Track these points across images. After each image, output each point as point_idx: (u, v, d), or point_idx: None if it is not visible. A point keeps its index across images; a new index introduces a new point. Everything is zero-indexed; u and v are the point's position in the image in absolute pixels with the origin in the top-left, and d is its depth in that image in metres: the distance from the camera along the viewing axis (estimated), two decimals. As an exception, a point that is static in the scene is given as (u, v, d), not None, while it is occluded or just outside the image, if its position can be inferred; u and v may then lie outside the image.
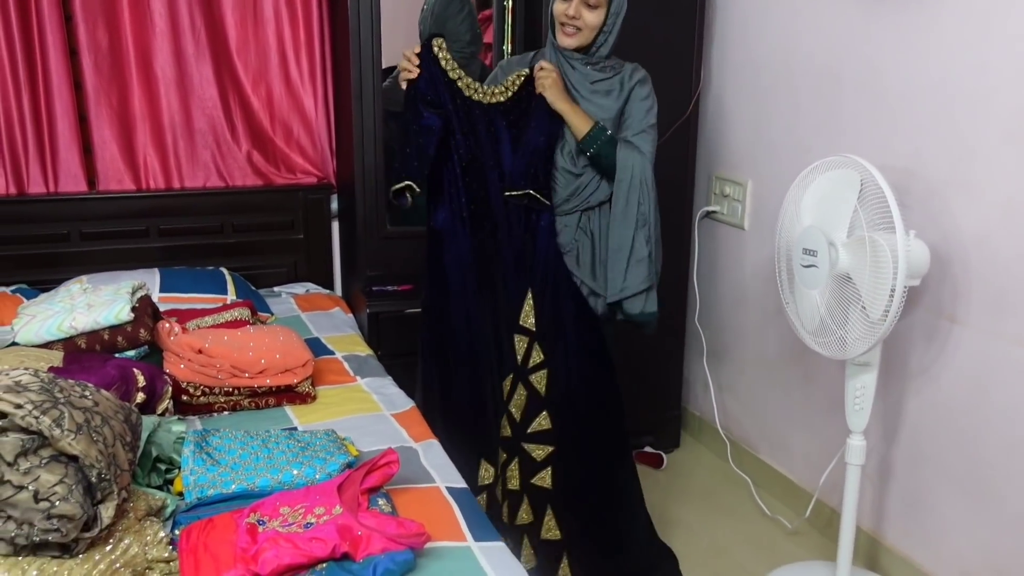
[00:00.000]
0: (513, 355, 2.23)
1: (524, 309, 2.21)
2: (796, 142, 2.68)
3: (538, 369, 2.23)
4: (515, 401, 2.25)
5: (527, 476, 2.27)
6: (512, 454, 2.27)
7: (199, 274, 2.88)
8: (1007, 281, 2.03)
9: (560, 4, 2.10)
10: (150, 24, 2.89)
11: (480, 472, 2.27)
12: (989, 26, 2.00)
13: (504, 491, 2.29)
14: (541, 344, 2.22)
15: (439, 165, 2.15)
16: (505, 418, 2.26)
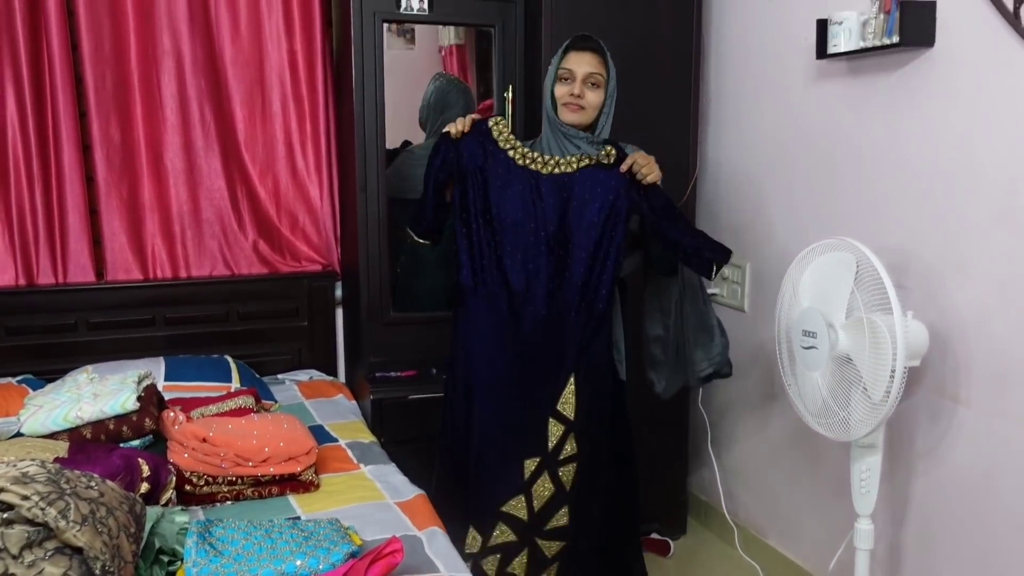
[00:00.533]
0: (544, 439, 2.22)
1: (564, 394, 2.23)
2: (793, 224, 2.72)
3: (569, 462, 2.24)
4: (538, 489, 2.23)
5: (534, 572, 2.25)
6: (522, 544, 2.25)
7: (204, 362, 2.90)
8: (1007, 360, 2.04)
9: (562, 87, 2.23)
10: (161, 118, 2.99)
11: (467, 539, 2.26)
12: (976, 110, 2.07)
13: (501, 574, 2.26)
14: (577, 437, 2.23)
15: (468, 223, 2.24)
16: (523, 500, 2.24)
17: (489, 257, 2.23)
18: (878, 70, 2.34)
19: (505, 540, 2.27)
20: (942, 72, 2.15)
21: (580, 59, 2.22)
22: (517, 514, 2.25)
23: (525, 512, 2.24)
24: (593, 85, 2.21)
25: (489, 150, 2.24)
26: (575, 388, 2.22)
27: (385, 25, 2.79)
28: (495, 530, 2.26)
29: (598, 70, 2.22)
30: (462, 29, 3.02)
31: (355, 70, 2.76)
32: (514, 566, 2.25)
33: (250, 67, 3.04)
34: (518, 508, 2.25)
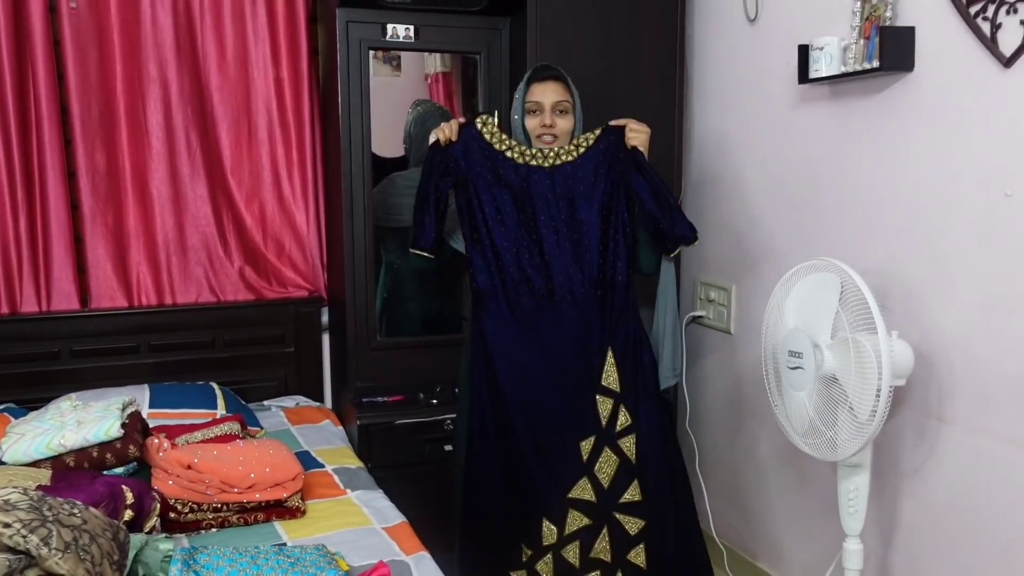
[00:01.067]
0: (596, 417, 2.23)
1: (605, 369, 2.24)
2: (777, 247, 2.74)
3: (627, 433, 2.24)
4: (601, 467, 2.24)
5: (621, 550, 2.24)
6: (600, 522, 2.24)
7: (189, 389, 2.88)
8: (990, 379, 2.06)
9: (532, 119, 2.30)
10: (147, 146, 2.99)
11: (543, 531, 2.24)
12: (956, 132, 2.09)
13: (585, 560, 2.24)
14: (627, 406, 2.24)
15: (476, 228, 2.25)
16: (588, 482, 2.23)
17: (505, 258, 2.24)
18: (859, 94, 2.37)
19: (581, 526, 2.24)
20: (922, 96, 2.18)
21: (544, 89, 2.30)
22: (585, 497, 2.23)
23: (593, 494, 2.23)
24: (562, 112, 2.30)
25: (486, 152, 2.26)
26: (615, 361, 2.24)
27: (371, 52, 2.82)
28: (567, 517, 2.24)
29: (564, 97, 2.30)
30: (448, 57, 3.05)
31: (341, 97, 2.78)
32: (597, 550, 2.24)
33: (236, 95, 3.05)
34: (585, 491, 2.24)
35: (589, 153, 2.27)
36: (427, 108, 3.06)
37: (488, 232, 2.25)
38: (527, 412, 2.25)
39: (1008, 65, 1.95)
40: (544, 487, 2.24)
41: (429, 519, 2.43)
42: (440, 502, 2.74)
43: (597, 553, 2.24)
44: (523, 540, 2.26)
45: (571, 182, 2.25)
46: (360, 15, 2.77)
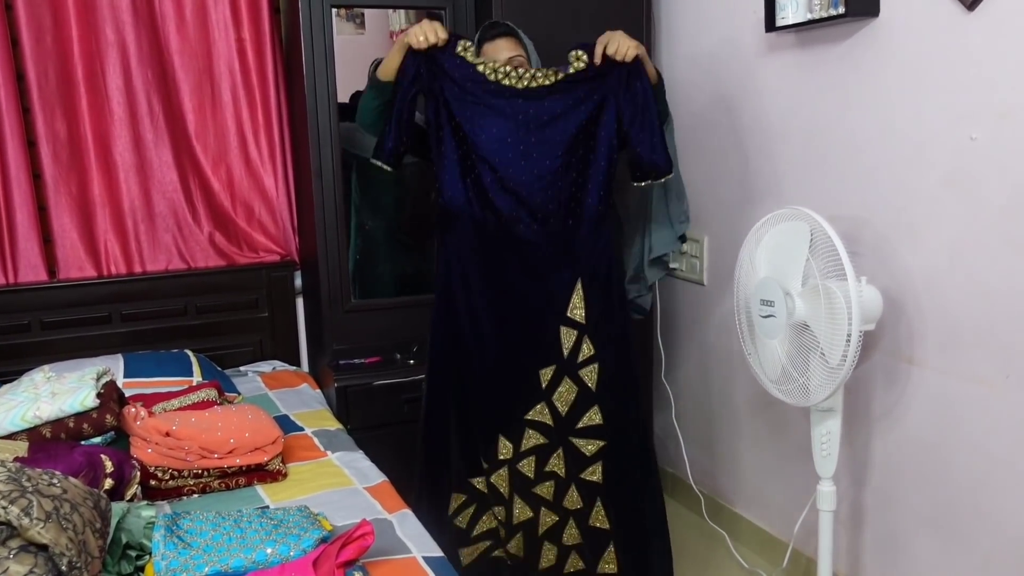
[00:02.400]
0: (558, 347, 2.22)
1: (572, 300, 2.22)
2: (747, 197, 2.76)
3: (589, 363, 2.24)
4: (560, 395, 2.24)
5: (575, 469, 2.27)
6: (556, 443, 2.26)
7: (163, 357, 2.86)
8: (959, 321, 2.10)
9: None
10: (108, 112, 2.93)
11: (499, 447, 2.27)
12: (922, 77, 2.11)
13: (540, 471, 2.27)
14: (592, 338, 2.22)
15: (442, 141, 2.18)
16: (545, 407, 2.25)
17: (471, 176, 2.17)
18: (825, 41, 2.38)
19: (536, 443, 2.27)
20: (887, 41, 2.19)
21: (496, 47, 2.26)
22: (543, 420, 2.26)
23: (551, 418, 2.25)
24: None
25: (459, 65, 2.16)
26: (583, 293, 2.20)
27: (334, 10, 2.76)
28: (523, 436, 2.27)
29: (517, 51, 2.26)
30: (412, 12, 3.00)
31: (305, 57, 2.73)
32: (551, 465, 2.27)
33: (197, 57, 2.99)
34: (542, 415, 2.26)
35: (566, 83, 2.16)
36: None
37: (457, 147, 2.17)
38: (486, 337, 2.24)
39: (971, 8, 1.96)
40: (501, 408, 2.26)
41: (410, 478, 2.45)
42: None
43: (552, 467, 2.28)
44: (481, 455, 2.30)
45: (545, 104, 2.16)
46: (321, -29, 2.71)
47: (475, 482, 2.34)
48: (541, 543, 2.32)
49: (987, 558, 2.08)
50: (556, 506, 2.29)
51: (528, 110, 2.16)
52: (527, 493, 2.29)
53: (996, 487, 2.04)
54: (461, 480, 2.34)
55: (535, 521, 2.31)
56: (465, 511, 2.36)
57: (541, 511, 2.30)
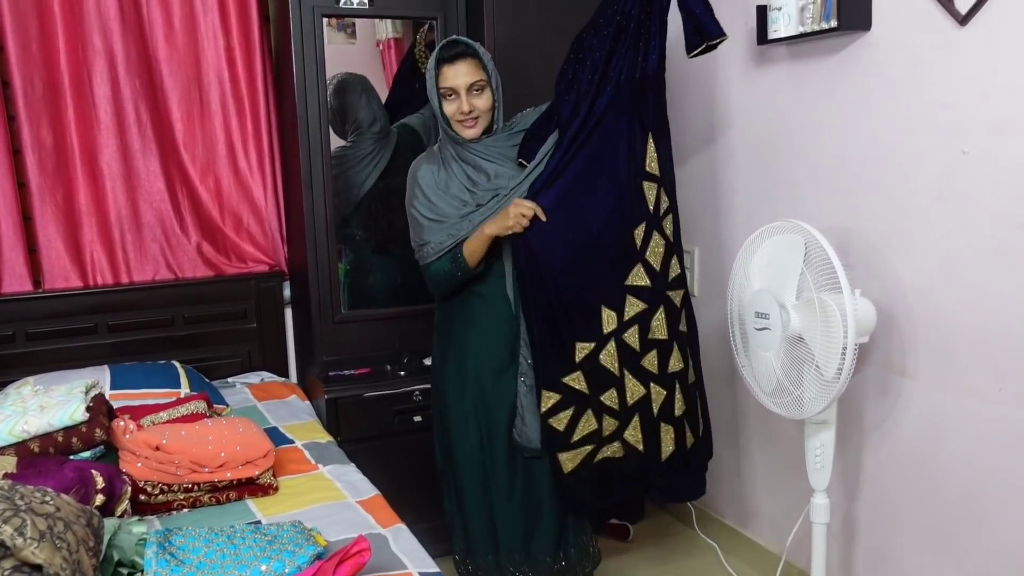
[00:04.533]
0: (644, 202, 2.25)
1: (648, 154, 2.25)
2: (739, 208, 2.77)
3: (667, 215, 2.30)
4: (652, 250, 2.26)
5: (675, 324, 2.31)
6: (655, 305, 2.27)
7: (150, 369, 2.82)
8: (950, 334, 2.11)
9: (449, 105, 2.23)
10: (95, 120, 2.89)
11: (603, 320, 2.24)
12: (913, 91, 2.12)
13: (645, 340, 2.27)
14: (667, 190, 2.29)
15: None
16: (642, 267, 2.25)
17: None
18: (817, 54, 2.39)
19: (639, 311, 2.26)
20: (879, 55, 2.20)
21: (456, 72, 2.20)
22: (640, 283, 2.26)
23: (647, 279, 2.26)
24: (477, 91, 2.21)
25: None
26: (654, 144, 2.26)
27: (324, 19, 2.75)
28: (626, 304, 2.25)
29: (478, 76, 2.21)
30: (400, 22, 2.99)
31: (295, 66, 2.72)
32: (654, 330, 2.29)
33: (186, 66, 2.96)
34: (639, 277, 2.26)
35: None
36: (340, 77, 2.93)
37: None
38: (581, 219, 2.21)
39: (964, 23, 1.98)
40: (601, 279, 2.24)
41: (401, 490, 2.44)
42: (411, 472, 2.75)
43: (654, 333, 2.28)
44: (578, 338, 2.24)
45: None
46: (312, -20, 2.70)
47: (569, 380, 2.25)
48: (658, 425, 2.30)
49: (980, 571, 2.09)
50: (663, 377, 2.30)
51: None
52: (636, 368, 2.27)
53: (989, 500, 2.05)
54: (553, 380, 2.25)
55: (648, 399, 2.29)
56: (561, 413, 2.26)
57: (651, 387, 2.29)
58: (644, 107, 2.24)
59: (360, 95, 2.92)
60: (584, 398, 2.25)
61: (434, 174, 2.29)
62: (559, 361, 2.24)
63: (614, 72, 2.22)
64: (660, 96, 2.28)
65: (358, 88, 2.93)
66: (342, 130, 2.94)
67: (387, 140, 2.99)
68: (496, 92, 2.24)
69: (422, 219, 2.29)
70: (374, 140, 2.96)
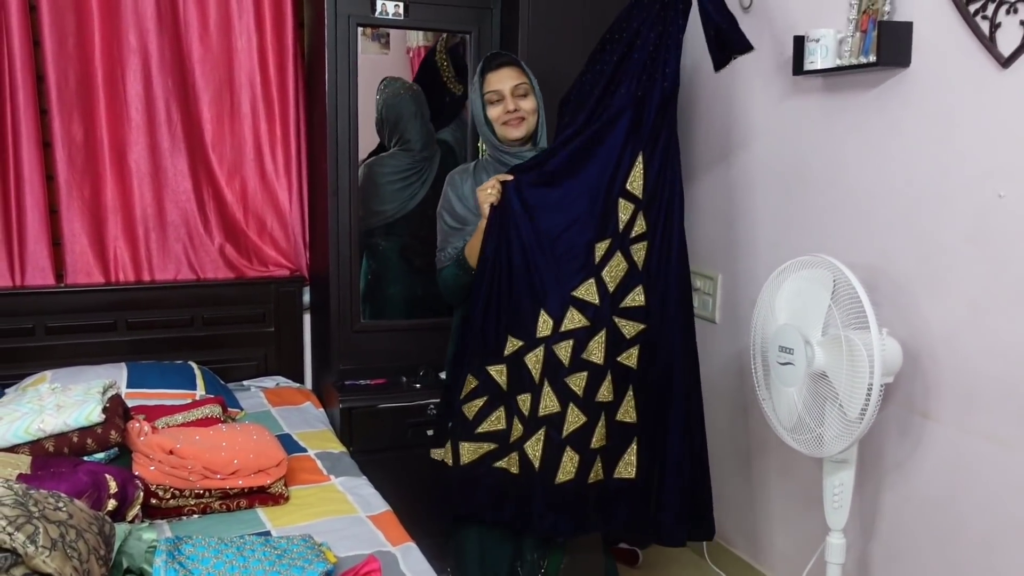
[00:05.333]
0: (615, 220, 2.22)
1: (632, 173, 2.22)
2: (765, 238, 2.74)
3: (640, 240, 2.24)
4: (610, 269, 2.22)
5: (613, 352, 2.24)
6: (598, 326, 2.22)
7: (167, 369, 2.83)
8: (976, 378, 2.07)
9: (494, 109, 2.30)
10: (126, 117, 2.91)
11: (539, 323, 2.22)
12: (950, 131, 2.09)
13: (576, 360, 2.22)
14: (646, 214, 2.23)
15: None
16: (594, 284, 2.21)
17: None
18: (853, 88, 2.36)
19: (578, 325, 2.22)
20: (917, 92, 2.18)
21: (500, 77, 2.29)
22: (588, 298, 2.22)
23: (596, 296, 2.21)
24: (522, 95, 2.29)
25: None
26: (643, 162, 2.22)
27: (359, 29, 2.75)
28: (566, 313, 2.21)
29: (521, 80, 2.30)
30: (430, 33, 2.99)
31: (328, 74, 2.72)
32: (590, 351, 2.22)
33: (219, 67, 2.97)
34: (589, 292, 2.22)
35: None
36: (395, 88, 2.98)
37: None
38: (547, 217, 2.22)
39: (1006, 65, 1.95)
40: (548, 281, 2.22)
41: (412, 505, 2.41)
42: (422, 487, 2.73)
43: (590, 354, 2.22)
44: (511, 332, 2.23)
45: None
46: (349, -10, 2.70)
47: (492, 370, 2.25)
48: (563, 449, 2.22)
49: (996, 621, 2.05)
50: (587, 403, 2.22)
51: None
52: (558, 382, 2.22)
53: (1009, 550, 2.01)
54: (478, 363, 2.26)
55: (561, 418, 2.22)
56: (475, 400, 2.27)
57: (569, 408, 2.22)
58: (641, 126, 2.23)
59: (415, 116, 2.95)
60: (500, 392, 2.25)
61: (465, 182, 2.37)
62: (488, 348, 2.25)
63: (618, 87, 2.24)
64: (664, 118, 2.26)
65: (412, 108, 2.95)
66: (386, 139, 2.95)
67: (433, 159, 3.00)
68: (539, 101, 2.31)
69: (445, 225, 2.38)
70: (421, 159, 2.97)
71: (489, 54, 2.36)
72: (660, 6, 2.25)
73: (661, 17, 2.24)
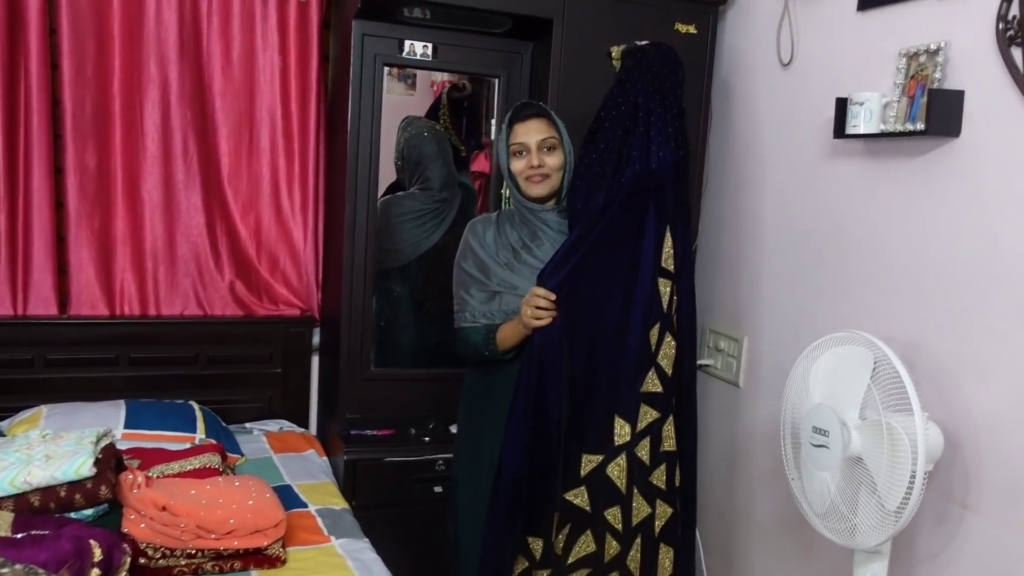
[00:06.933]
0: (659, 301, 2.12)
1: (664, 250, 2.13)
2: (796, 303, 2.62)
3: (677, 312, 2.17)
4: (664, 353, 2.13)
5: (680, 435, 2.18)
6: (667, 411, 2.14)
7: (167, 409, 2.73)
8: (1022, 471, 1.94)
9: (518, 162, 2.16)
10: (141, 148, 2.84)
11: (615, 430, 2.10)
12: (1003, 207, 1.98)
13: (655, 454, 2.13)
14: (678, 286, 2.15)
15: None
16: (655, 373, 2.12)
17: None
18: (898, 155, 2.26)
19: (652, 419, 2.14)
20: (967, 164, 2.07)
21: (527, 129, 2.16)
22: (654, 389, 2.13)
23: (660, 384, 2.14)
24: (549, 149, 2.16)
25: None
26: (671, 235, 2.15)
27: (386, 69, 2.68)
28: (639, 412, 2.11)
29: (549, 133, 2.17)
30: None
31: (351, 113, 2.64)
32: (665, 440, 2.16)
33: (240, 100, 2.90)
34: (653, 383, 2.13)
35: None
36: (418, 131, 2.90)
37: None
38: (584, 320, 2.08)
39: (1067, 143, 1.85)
40: (612, 384, 2.09)
41: (415, 566, 2.31)
42: (427, 547, 2.61)
43: (665, 444, 2.13)
44: (585, 450, 2.09)
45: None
46: (377, 29, 2.62)
47: (570, 496, 2.11)
48: (658, 547, 2.13)
49: None
50: (670, 493, 2.13)
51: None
52: (645, 484, 2.11)
53: (1053, 659, 1.87)
54: (556, 499, 2.12)
55: (651, 518, 2.12)
56: (561, 532, 2.13)
57: (656, 505, 2.13)
58: (663, 198, 2.13)
59: (437, 157, 2.86)
60: (585, 516, 2.11)
61: (487, 231, 2.24)
62: (563, 472, 2.10)
63: (628, 163, 2.12)
64: (680, 186, 2.17)
65: (435, 149, 2.87)
66: (407, 178, 2.86)
67: (452, 201, 2.91)
68: (568, 156, 2.18)
69: (465, 275, 2.23)
70: (440, 200, 2.88)
71: (518, 103, 2.24)
72: (651, 75, 2.15)
73: (657, 86, 2.15)
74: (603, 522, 2.10)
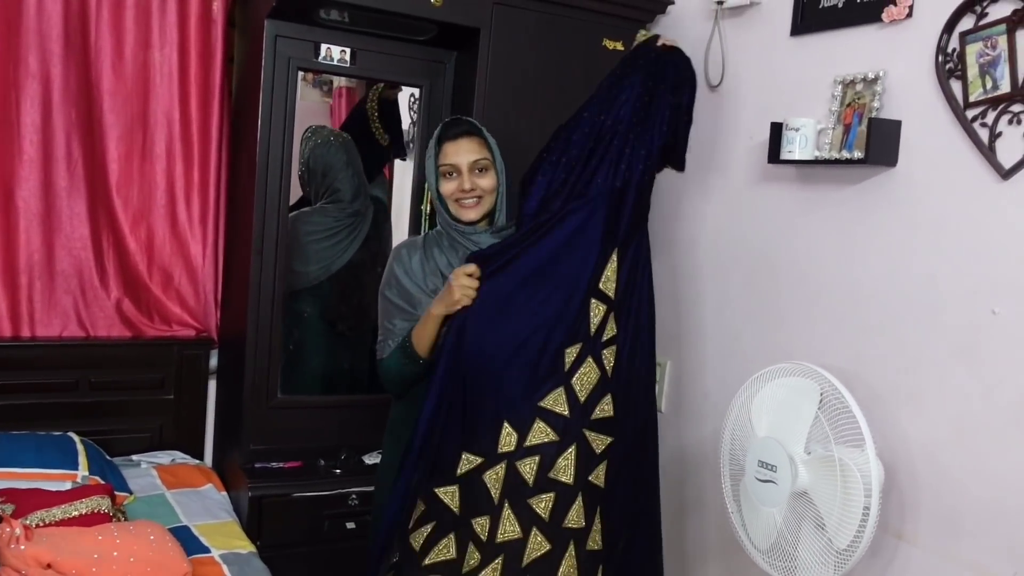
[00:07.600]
0: (587, 323, 1.98)
1: (606, 271, 2.00)
2: (725, 327, 2.58)
3: (610, 344, 2.01)
4: (580, 376, 1.98)
5: (584, 471, 1.99)
6: (568, 441, 1.97)
7: (44, 442, 2.44)
8: (959, 501, 1.94)
9: (448, 184, 2.02)
10: (17, 149, 2.55)
11: (501, 436, 1.95)
12: (941, 240, 1.98)
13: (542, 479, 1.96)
14: (617, 316, 2.01)
15: None
16: (563, 393, 1.97)
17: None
18: (832, 181, 2.25)
19: (546, 440, 1.96)
20: (903, 194, 2.07)
21: (458, 148, 2.02)
22: (557, 409, 1.97)
23: (567, 407, 1.97)
24: (482, 171, 2.03)
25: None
26: (617, 261, 2.03)
27: (300, 73, 2.48)
28: (532, 426, 1.95)
29: (482, 154, 2.03)
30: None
31: (261, 120, 2.44)
32: (558, 469, 1.96)
33: (132, 100, 2.65)
34: (558, 403, 1.97)
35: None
36: (324, 136, 2.72)
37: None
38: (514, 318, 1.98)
39: (1007, 177, 1.85)
40: (513, 389, 1.97)
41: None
42: (337, 590, 2.43)
43: (558, 473, 1.97)
44: (467, 448, 1.96)
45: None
46: (291, 30, 2.43)
47: (441, 492, 1.97)
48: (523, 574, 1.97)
49: None
50: (553, 528, 1.97)
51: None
52: (521, 504, 1.96)
53: None
54: (427, 487, 1.98)
55: (522, 545, 1.96)
56: (422, 528, 1.99)
57: (532, 533, 1.97)
58: (618, 220, 2.04)
59: (346, 167, 2.68)
60: (451, 517, 1.98)
61: (413, 256, 2.08)
62: (437, 468, 1.98)
63: (593, 176, 2.03)
64: (638, 208, 2.08)
65: (343, 157, 2.67)
66: (313, 192, 2.66)
67: (365, 214, 2.72)
68: (500, 176, 2.04)
69: (390, 305, 2.07)
70: (352, 214, 2.69)
71: (448, 119, 2.09)
72: (651, 84, 2.08)
73: (647, 101, 2.07)
74: (469, 529, 1.97)
